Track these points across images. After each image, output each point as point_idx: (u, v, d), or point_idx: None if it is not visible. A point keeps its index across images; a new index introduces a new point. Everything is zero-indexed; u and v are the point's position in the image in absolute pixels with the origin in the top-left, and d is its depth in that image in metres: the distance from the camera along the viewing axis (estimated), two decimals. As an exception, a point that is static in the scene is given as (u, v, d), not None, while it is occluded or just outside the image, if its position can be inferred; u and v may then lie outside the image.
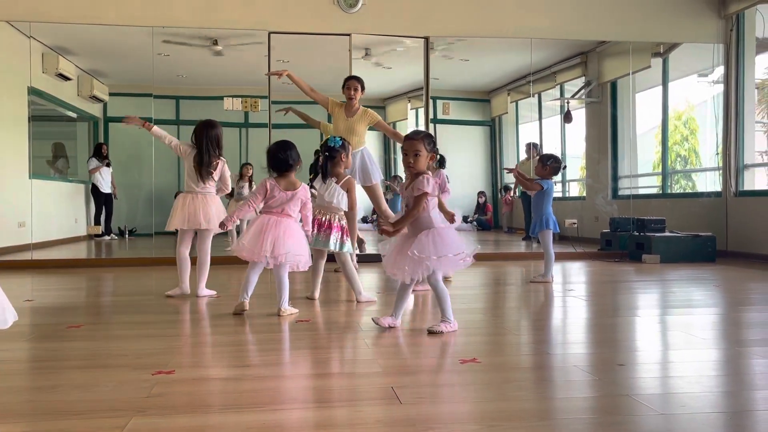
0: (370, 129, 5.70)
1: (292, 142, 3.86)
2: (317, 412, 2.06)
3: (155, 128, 4.53)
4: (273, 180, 3.76)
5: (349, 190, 4.21)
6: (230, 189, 4.61)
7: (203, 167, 4.35)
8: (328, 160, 4.19)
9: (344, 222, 4.24)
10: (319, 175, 4.25)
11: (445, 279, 5.25)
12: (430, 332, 3.21)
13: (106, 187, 9.39)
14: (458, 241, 3.22)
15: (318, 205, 4.21)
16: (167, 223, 4.43)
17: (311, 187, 4.47)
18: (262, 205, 3.80)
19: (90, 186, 9.42)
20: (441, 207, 4.77)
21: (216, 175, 4.43)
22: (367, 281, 5.30)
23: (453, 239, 3.21)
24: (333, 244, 4.13)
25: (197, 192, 4.39)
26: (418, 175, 3.23)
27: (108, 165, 9.40)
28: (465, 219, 9.09)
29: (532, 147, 9.31)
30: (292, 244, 3.68)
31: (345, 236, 4.21)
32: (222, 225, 3.95)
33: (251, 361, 2.85)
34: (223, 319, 3.67)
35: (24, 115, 7.26)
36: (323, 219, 4.15)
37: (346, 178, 4.25)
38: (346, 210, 4.25)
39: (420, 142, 3.25)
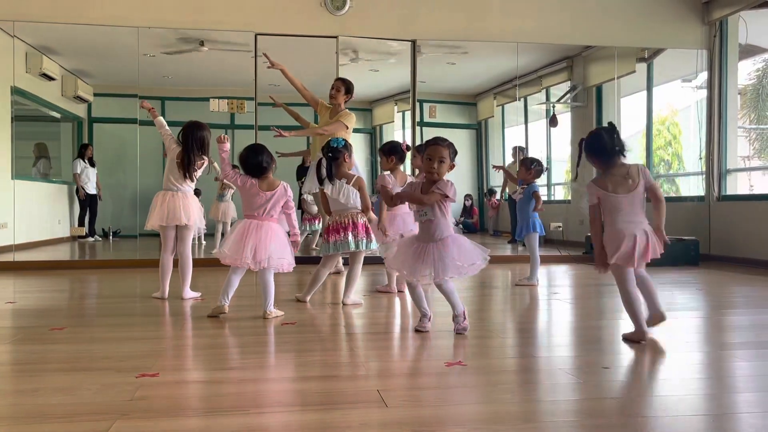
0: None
1: (262, 144, 3.85)
2: (302, 416, 2.06)
3: (159, 118, 4.53)
4: (253, 180, 3.73)
5: (360, 189, 4.17)
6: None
7: (188, 166, 4.34)
8: (332, 161, 4.15)
9: (364, 219, 4.20)
10: (326, 179, 4.19)
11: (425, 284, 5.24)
12: (459, 333, 3.27)
13: (90, 188, 9.31)
14: (473, 251, 3.27)
15: (334, 210, 4.18)
16: (146, 222, 4.41)
17: (299, 190, 4.46)
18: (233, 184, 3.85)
19: (75, 187, 9.34)
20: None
21: (198, 175, 4.43)
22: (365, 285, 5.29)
23: (470, 249, 3.27)
24: (360, 244, 4.11)
25: (178, 190, 4.38)
26: (434, 182, 3.23)
27: (93, 165, 9.33)
28: (457, 223, 9.13)
29: (518, 150, 9.36)
30: (275, 248, 3.66)
31: (369, 234, 4.19)
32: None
33: (236, 364, 2.84)
34: (207, 322, 3.65)
35: (7, 115, 7.18)
36: (345, 221, 4.12)
37: (355, 177, 4.20)
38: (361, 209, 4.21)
39: (446, 149, 3.24)
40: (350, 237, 4.08)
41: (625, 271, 3.12)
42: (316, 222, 7.36)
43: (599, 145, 3.14)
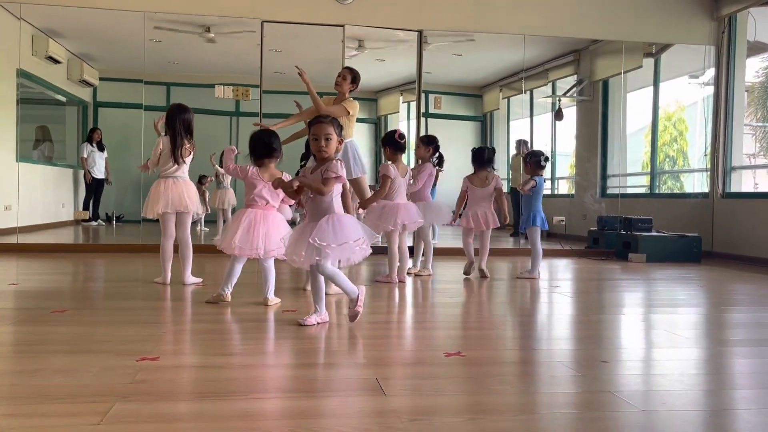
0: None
1: (276, 133, 3.84)
2: (301, 402, 2.07)
3: (151, 167, 4.47)
4: (255, 169, 3.72)
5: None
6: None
7: (177, 149, 4.34)
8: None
9: None
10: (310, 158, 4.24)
11: (427, 274, 5.27)
12: (300, 324, 3.18)
13: (98, 173, 9.34)
14: (358, 228, 3.17)
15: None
16: (147, 210, 4.38)
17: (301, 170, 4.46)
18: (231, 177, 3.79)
19: (80, 171, 9.37)
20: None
21: (189, 159, 4.44)
22: (355, 273, 5.29)
23: (352, 226, 3.16)
24: None
25: (177, 177, 4.39)
26: (324, 161, 3.18)
27: (101, 149, 9.35)
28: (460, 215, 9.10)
29: (522, 144, 9.34)
30: (282, 237, 3.67)
31: None
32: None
33: (236, 349, 2.85)
34: (208, 307, 3.66)
35: (12, 98, 7.19)
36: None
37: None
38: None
39: (329, 125, 3.19)
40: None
41: (470, 231, 5.27)
42: None
43: (480, 156, 5.28)
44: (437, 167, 5.44)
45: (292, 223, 4.19)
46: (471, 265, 5.26)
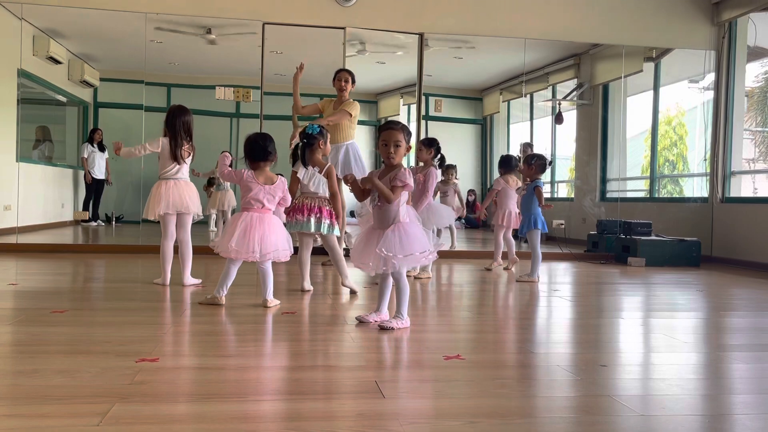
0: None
1: (271, 136, 3.86)
2: (300, 404, 2.07)
3: (123, 150, 4.38)
4: (251, 172, 3.73)
5: (329, 177, 4.23)
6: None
7: (177, 148, 4.34)
8: (306, 147, 4.21)
9: (330, 207, 4.27)
10: (299, 162, 4.28)
11: (426, 277, 5.29)
12: (381, 328, 3.20)
13: (98, 173, 9.34)
14: (423, 238, 3.21)
15: (303, 192, 4.23)
16: (148, 211, 4.37)
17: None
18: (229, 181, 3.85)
19: (81, 171, 9.36)
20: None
21: (189, 160, 4.45)
22: (351, 275, 5.29)
23: (418, 236, 3.20)
24: (322, 227, 4.15)
25: (178, 178, 4.40)
26: (393, 168, 3.21)
27: (102, 150, 9.36)
28: (459, 218, 9.11)
29: (526, 147, 9.34)
30: (277, 240, 3.68)
31: (333, 220, 4.24)
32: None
33: (235, 351, 2.85)
34: (207, 309, 3.66)
35: (13, 98, 7.19)
36: (311, 204, 4.17)
37: (327, 165, 4.27)
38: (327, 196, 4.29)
39: (400, 132, 3.20)
40: (312, 219, 4.14)
41: (502, 229, 6.05)
42: None
43: (508, 162, 6.11)
44: (441, 168, 5.49)
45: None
46: (515, 262, 6.13)
